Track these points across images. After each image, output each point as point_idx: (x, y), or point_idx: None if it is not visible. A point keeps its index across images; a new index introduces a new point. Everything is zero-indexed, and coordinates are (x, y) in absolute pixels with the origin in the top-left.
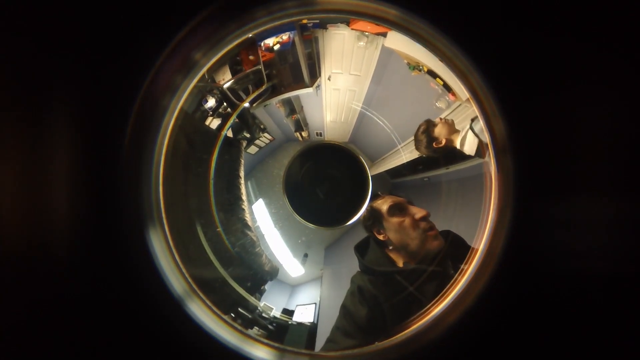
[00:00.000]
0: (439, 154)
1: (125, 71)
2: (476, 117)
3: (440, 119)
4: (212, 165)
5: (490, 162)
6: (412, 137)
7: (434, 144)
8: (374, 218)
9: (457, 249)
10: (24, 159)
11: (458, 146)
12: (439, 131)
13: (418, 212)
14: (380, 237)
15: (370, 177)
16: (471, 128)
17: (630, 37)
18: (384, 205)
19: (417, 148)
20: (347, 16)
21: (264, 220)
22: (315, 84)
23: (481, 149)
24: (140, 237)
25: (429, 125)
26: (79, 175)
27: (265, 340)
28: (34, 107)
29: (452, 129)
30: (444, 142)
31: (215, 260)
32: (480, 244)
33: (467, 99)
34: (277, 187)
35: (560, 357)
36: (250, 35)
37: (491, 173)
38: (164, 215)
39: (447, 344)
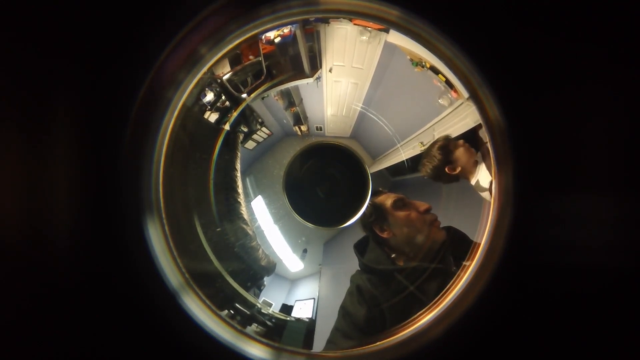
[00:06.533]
0: (444, 180)
1: (129, 65)
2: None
3: (464, 142)
4: (212, 163)
5: (491, 160)
6: (414, 135)
7: (447, 168)
8: (377, 214)
9: (459, 245)
10: (25, 152)
11: (472, 183)
12: (460, 156)
13: (421, 205)
14: (384, 235)
15: (370, 178)
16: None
17: (630, 37)
18: (387, 200)
19: (422, 165)
20: (349, 16)
21: (264, 217)
22: (316, 75)
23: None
24: (139, 228)
25: (449, 143)
26: (79, 167)
27: (262, 339)
28: (37, 102)
29: (473, 160)
30: (458, 170)
31: (211, 254)
32: (482, 242)
33: (469, 97)
34: (277, 186)
35: (562, 353)
36: (255, 32)
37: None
38: (162, 208)
39: (449, 342)
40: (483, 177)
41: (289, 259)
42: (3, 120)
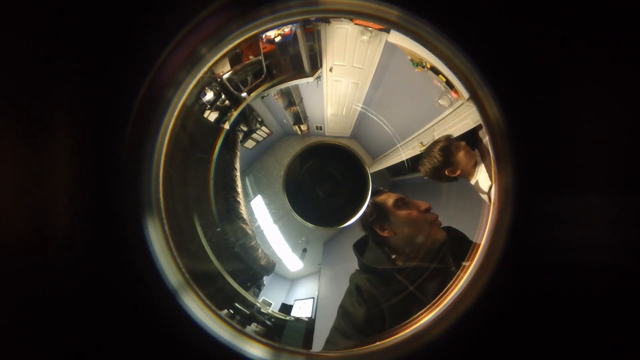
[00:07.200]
0: (443, 180)
1: (129, 65)
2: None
3: (465, 144)
4: (212, 163)
5: (491, 162)
6: (414, 136)
7: (447, 170)
8: (377, 213)
9: (459, 245)
10: (25, 152)
11: (472, 183)
12: (461, 159)
13: (422, 205)
14: (384, 234)
15: (370, 178)
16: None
17: (630, 37)
18: (389, 199)
19: (421, 164)
20: (349, 16)
21: (263, 216)
22: (316, 74)
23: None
24: (139, 228)
25: (451, 144)
26: (79, 167)
27: (262, 339)
28: (37, 102)
29: (473, 163)
30: (458, 173)
31: (211, 254)
32: (482, 242)
33: (469, 98)
34: (276, 185)
35: (562, 353)
36: (255, 32)
37: (491, 172)
38: (162, 208)
39: (449, 342)
40: (482, 178)
41: (289, 258)
42: (3, 119)
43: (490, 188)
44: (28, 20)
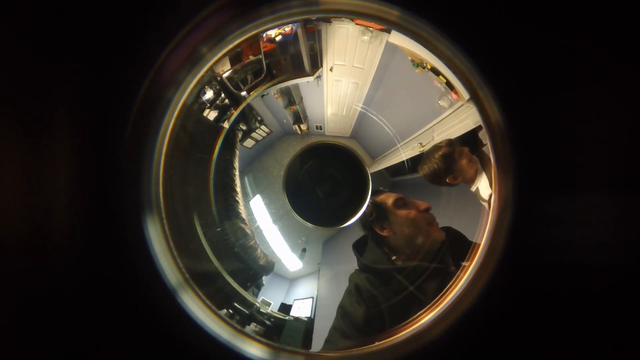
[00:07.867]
0: (442, 185)
1: (129, 65)
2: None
3: (468, 151)
4: (212, 162)
5: (491, 167)
6: (414, 136)
7: (448, 178)
8: (377, 212)
9: (458, 245)
10: (25, 152)
11: (472, 190)
12: (463, 166)
13: (421, 205)
14: (384, 233)
15: (370, 178)
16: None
17: (630, 37)
18: (388, 199)
19: (421, 168)
20: (349, 16)
21: (263, 216)
22: (317, 74)
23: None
24: (139, 228)
25: (454, 151)
26: (79, 166)
27: (261, 339)
28: (37, 102)
29: (475, 170)
30: (459, 181)
31: (211, 253)
32: (482, 241)
33: (470, 98)
34: (276, 185)
35: (562, 353)
36: (256, 31)
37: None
38: (162, 207)
39: (449, 343)
40: (483, 186)
41: (288, 258)
42: (3, 119)
43: (490, 196)
44: (28, 20)
